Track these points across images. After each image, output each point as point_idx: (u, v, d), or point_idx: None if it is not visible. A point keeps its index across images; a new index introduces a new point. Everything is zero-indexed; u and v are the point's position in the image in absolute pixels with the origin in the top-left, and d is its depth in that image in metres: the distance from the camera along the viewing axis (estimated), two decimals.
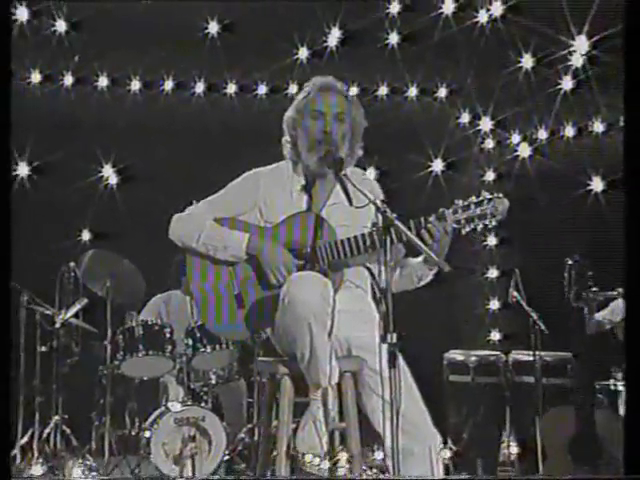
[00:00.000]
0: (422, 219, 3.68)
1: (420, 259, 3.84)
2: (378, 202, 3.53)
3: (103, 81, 7.69)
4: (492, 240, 7.92)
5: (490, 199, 3.66)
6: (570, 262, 4.91)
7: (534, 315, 6.30)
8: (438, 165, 8.06)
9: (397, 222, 3.50)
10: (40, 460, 6.27)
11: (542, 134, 7.57)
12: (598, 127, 7.21)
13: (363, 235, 3.70)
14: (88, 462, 6.27)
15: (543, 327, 6.25)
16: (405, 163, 7.95)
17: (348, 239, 3.73)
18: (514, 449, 6.39)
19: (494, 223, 3.68)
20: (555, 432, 4.75)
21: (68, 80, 7.61)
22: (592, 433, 4.67)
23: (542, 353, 6.35)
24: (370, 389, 3.70)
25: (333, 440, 3.75)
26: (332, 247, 3.75)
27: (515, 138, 7.80)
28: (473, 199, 3.68)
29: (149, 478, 6.15)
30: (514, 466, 6.36)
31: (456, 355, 6.87)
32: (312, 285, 3.53)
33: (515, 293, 6.40)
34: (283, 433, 3.67)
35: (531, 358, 6.40)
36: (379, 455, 5.87)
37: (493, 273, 7.96)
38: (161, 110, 7.69)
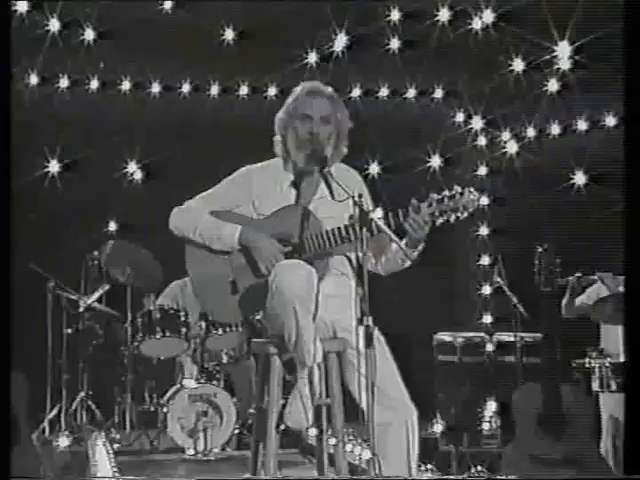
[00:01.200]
0: (399, 211, 3.70)
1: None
2: (356, 197, 3.56)
3: (126, 85, 7.71)
4: (484, 230, 7.93)
5: (462, 193, 3.66)
6: (540, 250, 4.91)
7: (514, 299, 6.34)
8: (436, 160, 8.06)
9: (371, 215, 3.55)
10: (67, 432, 6.36)
11: (530, 132, 7.58)
12: (582, 126, 7.23)
13: (346, 226, 3.72)
14: (111, 434, 6.36)
15: (522, 310, 6.28)
16: (405, 159, 7.97)
17: (332, 230, 3.76)
18: (497, 423, 6.44)
19: (465, 215, 3.69)
20: (525, 406, 4.78)
21: (94, 84, 7.64)
22: (559, 407, 4.70)
23: (522, 334, 6.40)
24: (353, 367, 3.72)
25: (320, 415, 3.81)
26: (318, 237, 3.79)
27: (505, 136, 7.81)
28: (446, 193, 3.69)
29: (166, 449, 6.25)
30: (497, 438, 6.41)
31: (444, 336, 6.88)
32: (297, 272, 3.58)
33: (498, 279, 6.43)
34: (273, 408, 3.72)
35: (512, 339, 6.46)
36: None
37: (485, 260, 7.97)
38: (179, 111, 7.72)
